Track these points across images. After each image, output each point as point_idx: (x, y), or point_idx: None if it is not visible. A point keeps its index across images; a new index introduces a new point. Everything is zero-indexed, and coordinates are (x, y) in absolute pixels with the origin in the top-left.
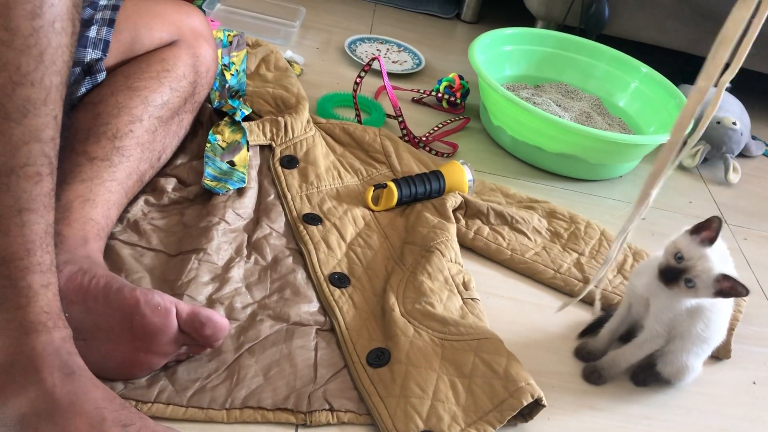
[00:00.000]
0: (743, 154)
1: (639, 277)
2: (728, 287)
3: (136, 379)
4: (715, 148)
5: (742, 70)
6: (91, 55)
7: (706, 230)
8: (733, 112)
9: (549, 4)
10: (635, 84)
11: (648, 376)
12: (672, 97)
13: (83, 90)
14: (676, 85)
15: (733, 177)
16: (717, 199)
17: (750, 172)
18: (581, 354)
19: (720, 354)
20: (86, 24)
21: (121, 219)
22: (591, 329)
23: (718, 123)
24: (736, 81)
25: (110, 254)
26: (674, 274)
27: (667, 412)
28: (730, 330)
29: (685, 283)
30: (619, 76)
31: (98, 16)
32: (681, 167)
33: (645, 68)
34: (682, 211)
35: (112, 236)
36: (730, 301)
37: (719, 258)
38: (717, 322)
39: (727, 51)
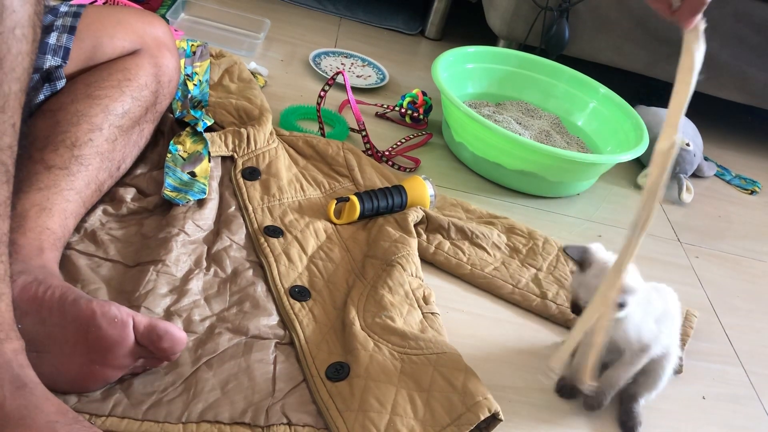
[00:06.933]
0: (696, 175)
1: None
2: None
3: (90, 392)
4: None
5: (695, 94)
6: (50, 62)
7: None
8: (687, 133)
9: (511, 24)
10: (593, 104)
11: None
12: (628, 117)
13: (42, 97)
14: (633, 106)
15: (686, 197)
16: (670, 218)
17: (702, 192)
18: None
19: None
20: (46, 30)
21: (78, 229)
22: None
23: None
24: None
25: (66, 264)
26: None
27: (617, 427)
28: (682, 346)
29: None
30: (578, 96)
31: (59, 22)
32: (637, 186)
33: (603, 89)
34: None
35: (68, 246)
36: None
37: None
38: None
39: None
